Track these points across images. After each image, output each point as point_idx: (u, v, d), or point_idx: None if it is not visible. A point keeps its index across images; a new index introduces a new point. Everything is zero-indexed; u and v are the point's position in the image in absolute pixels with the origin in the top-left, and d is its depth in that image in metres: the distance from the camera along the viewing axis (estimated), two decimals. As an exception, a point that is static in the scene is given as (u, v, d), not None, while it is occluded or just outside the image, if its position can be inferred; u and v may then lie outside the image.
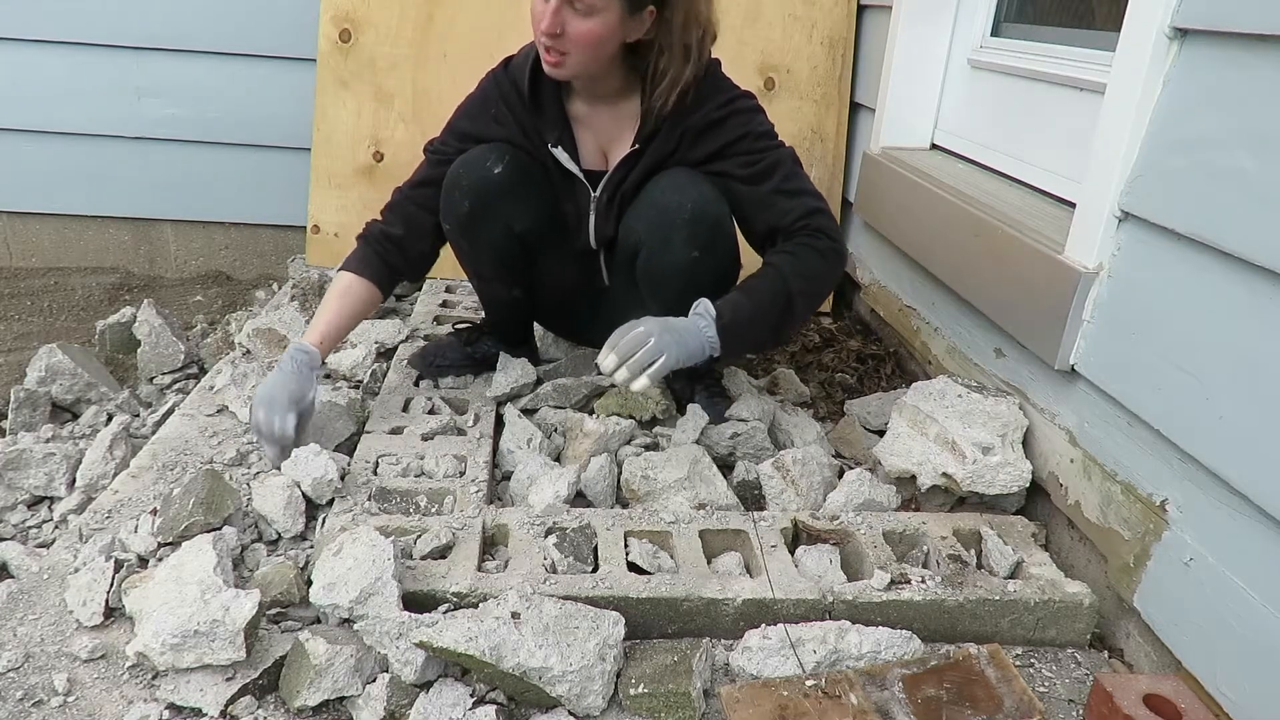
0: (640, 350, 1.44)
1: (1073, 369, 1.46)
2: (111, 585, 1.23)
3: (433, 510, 1.47)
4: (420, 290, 2.54)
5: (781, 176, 1.63)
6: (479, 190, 1.65)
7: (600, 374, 1.54)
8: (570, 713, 1.13)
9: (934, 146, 2.30)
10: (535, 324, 2.04)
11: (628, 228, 1.68)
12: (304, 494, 1.45)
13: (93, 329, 2.40)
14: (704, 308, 1.52)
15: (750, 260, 1.69)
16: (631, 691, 1.14)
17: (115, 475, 1.61)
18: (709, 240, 1.61)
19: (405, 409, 1.79)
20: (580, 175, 1.70)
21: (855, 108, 2.56)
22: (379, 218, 1.77)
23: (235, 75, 2.78)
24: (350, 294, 1.69)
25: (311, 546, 1.41)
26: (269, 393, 1.53)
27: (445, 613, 1.21)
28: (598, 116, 1.69)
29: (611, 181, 1.70)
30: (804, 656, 1.20)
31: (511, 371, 1.86)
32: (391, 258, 1.73)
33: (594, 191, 1.72)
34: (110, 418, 1.92)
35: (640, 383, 1.44)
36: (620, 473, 1.61)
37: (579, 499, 1.55)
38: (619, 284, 1.82)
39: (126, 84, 2.76)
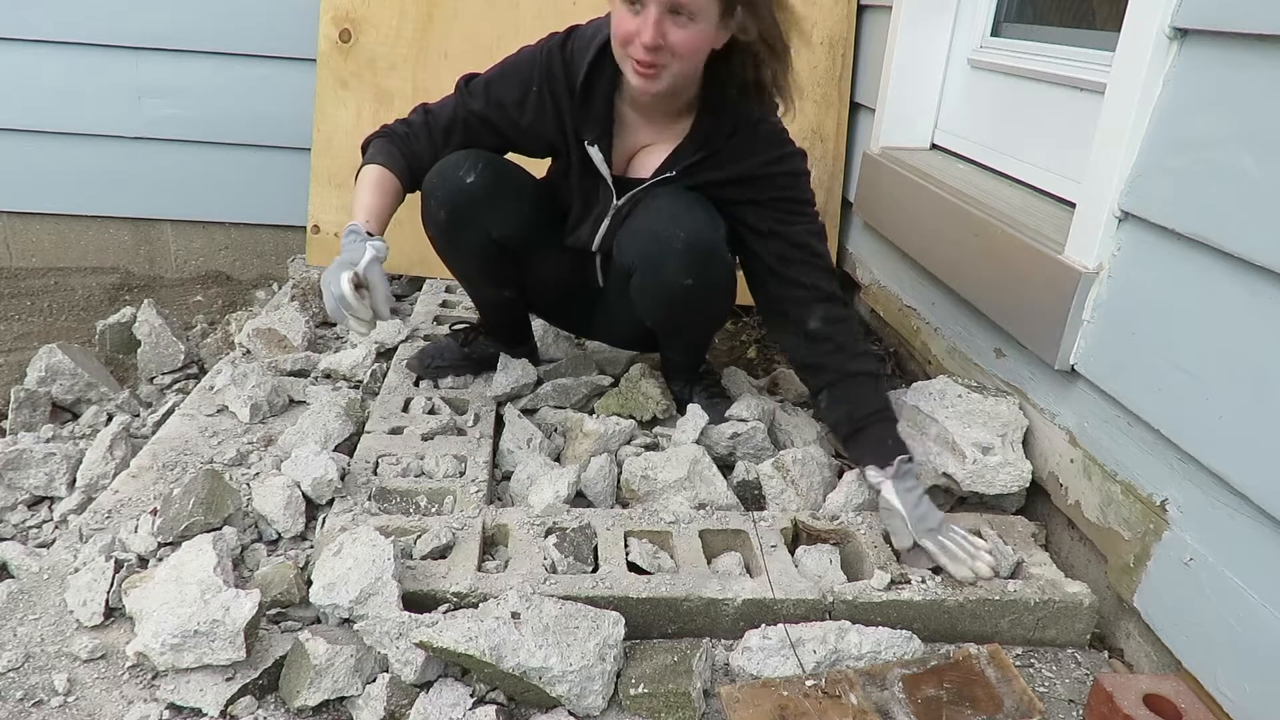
0: (969, 546, 1.38)
1: (1073, 369, 1.46)
2: (111, 585, 1.23)
3: (433, 510, 1.47)
4: (420, 290, 2.54)
5: (810, 253, 1.61)
6: (454, 199, 1.64)
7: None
8: (570, 713, 1.13)
9: (934, 146, 2.30)
10: (534, 321, 2.04)
11: (620, 249, 1.64)
12: (304, 494, 1.45)
13: (93, 329, 2.39)
14: (906, 465, 1.46)
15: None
16: (631, 691, 1.14)
17: (115, 475, 1.61)
18: (702, 268, 1.58)
19: (405, 409, 1.79)
20: (609, 180, 1.65)
21: (855, 108, 2.56)
22: (395, 124, 1.71)
23: (235, 75, 2.78)
24: (384, 185, 1.62)
25: (311, 546, 1.41)
26: (325, 275, 1.46)
27: (445, 613, 1.21)
28: (644, 124, 1.64)
29: (639, 188, 1.64)
30: (804, 656, 1.20)
31: (512, 371, 1.86)
32: (414, 162, 1.67)
33: (616, 200, 1.66)
34: (110, 418, 1.92)
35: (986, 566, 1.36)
36: (620, 473, 1.61)
37: (579, 499, 1.55)
38: (612, 288, 1.80)
39: (126, 84, 2.76)
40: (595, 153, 1.60)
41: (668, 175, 1.61)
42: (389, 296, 1.49)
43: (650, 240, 1.57)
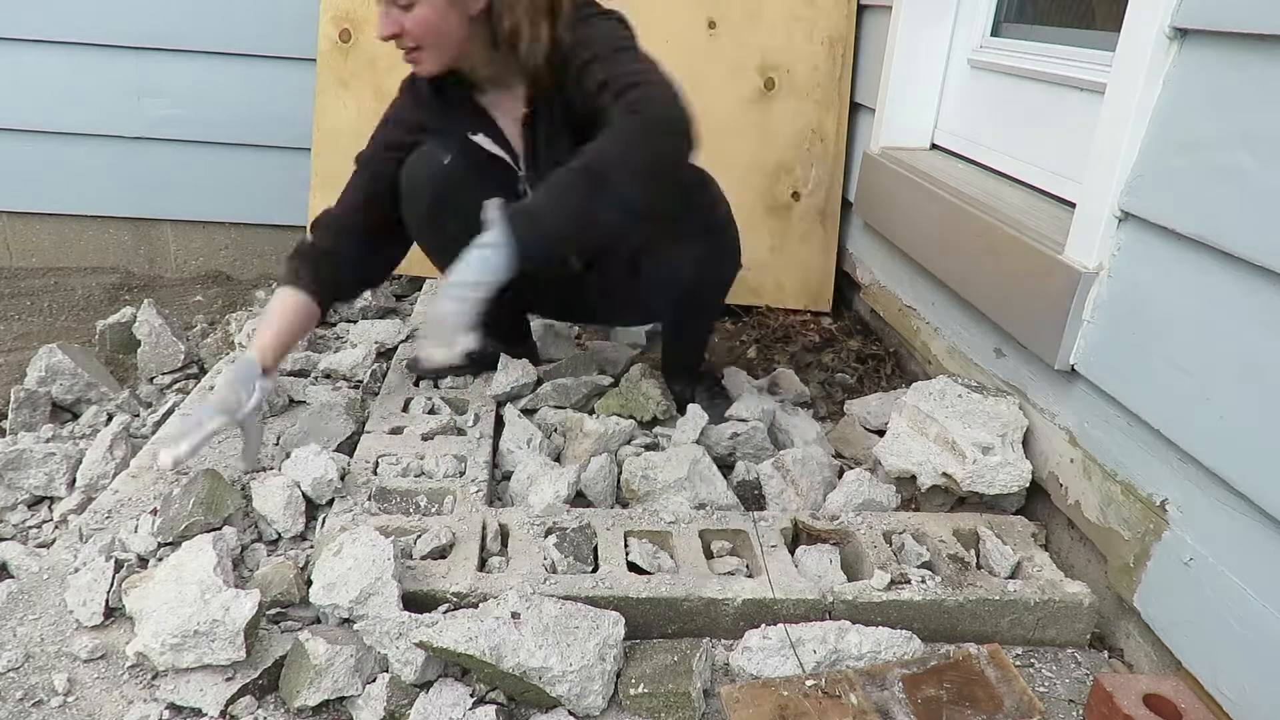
0: (445, 328, 1.35)
1: (1073, 369, 1.46)
2: (111, 585, 1.23)
3: (433, 510, 1.47)
4: (420, 290, 2.54)
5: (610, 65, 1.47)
6: (431, 184, 1.64)
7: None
8: (570, 713, 1.13)
9: (934, 146, 2.30)
10: (534, 321, 2.04)
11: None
12: (304, 494, 1.45)
13: (93, 329, 2.39)
14: (494, 212, 1.37)
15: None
16: (631, 691, 1.14)
17: (115, 475, 1.61)
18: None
19: (405, 409, 1.79)
20: (505, 155, 1.67)
21: (855, 108, 2.56)
22: (313, 235, 1.72)
23: (235, 75, 2.78)
24: (289, 311, 1.62)
25: (311, 546, 1.41)
26: (193, 404, 1.45)
27: (445, 613, 1.21)
28: (502, 102, 1.66)
29: (527, 153, 1.66)
30: (804, 656, 1.20)
31: (512, 371, 1.87)
32: (328, 269, 1.68)
33: (520, 170, 1.69)
34: (110, 418, 1.92)
35: (457, 348, 1.34)
36: (620, 473, 1.61)
37: (579, 499, 1.55)
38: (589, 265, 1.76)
39: (126, 84, 2.76)
40: (481, 139, 1.65)
41: (528, 112, 1.62)
42: (258, 448, 1.54)
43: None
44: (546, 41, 1.52)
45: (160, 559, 1.32)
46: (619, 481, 1.60)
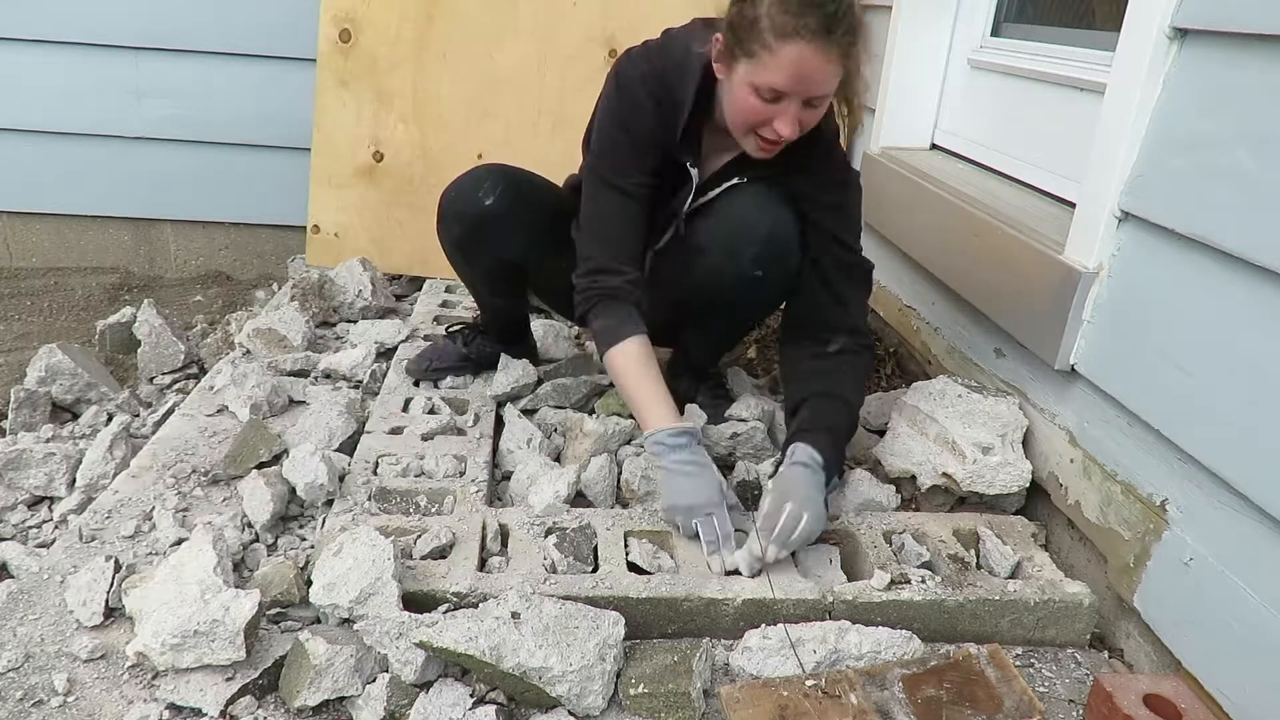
0: (795, 533, 1.33)
1: (1073, 369, 1.46)
2: (111, 585, 1.23)
3: (433, 510, 1.47)
4: (421, 290, 2.54)
5: (862, 279, 1.63)
6: (470, 220, 1.65)
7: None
8: (570, 713, 1.13)
9: (934, 146, 2.30)
10: (534, 321, 2.04)
11: (698, 231, 1.60)
12: (299, 497, 1.46)
13: (93, 329, 2.40)
14: (808, 456, 1.41)
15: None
16: (631, 691, 1.14)
17: (115, 475, 1.61)
18: (776, 261, 1.56)
19: (405, 409, 1.79)
20: (694, 179, 1.59)
21: (855, 108, 2.56)
22: (597, 279, 1.54)
23: (235, 75, 2.78)
24: (649, 359, 1.51)
25: (312, 547, 1.41)
26: (691, 498, 1.37)
27: (445, 613, 1.21)
28: (723, 143, 1.57)
29: (699, 193, 1.61)
30: (804, 656, 1.19)
31: (512, 371, 1.86)
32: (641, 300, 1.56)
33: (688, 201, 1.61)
34: (110, 418, 1.92)
35: (779, 553, 1.33)
36: (620, 473, 1.61)
37: (579, 499, 1.55)
38: (655, 275, 1.68)
39: (126, 84, 2.77)
40: (694, 173, 1.57)
41: (731, 161, 1.58)
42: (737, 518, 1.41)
43: (735, 224, 1.55)
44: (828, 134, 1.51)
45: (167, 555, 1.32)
46: (619, 481, 1.60)
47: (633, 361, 1.49)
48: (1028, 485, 1.52)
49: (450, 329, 2.03)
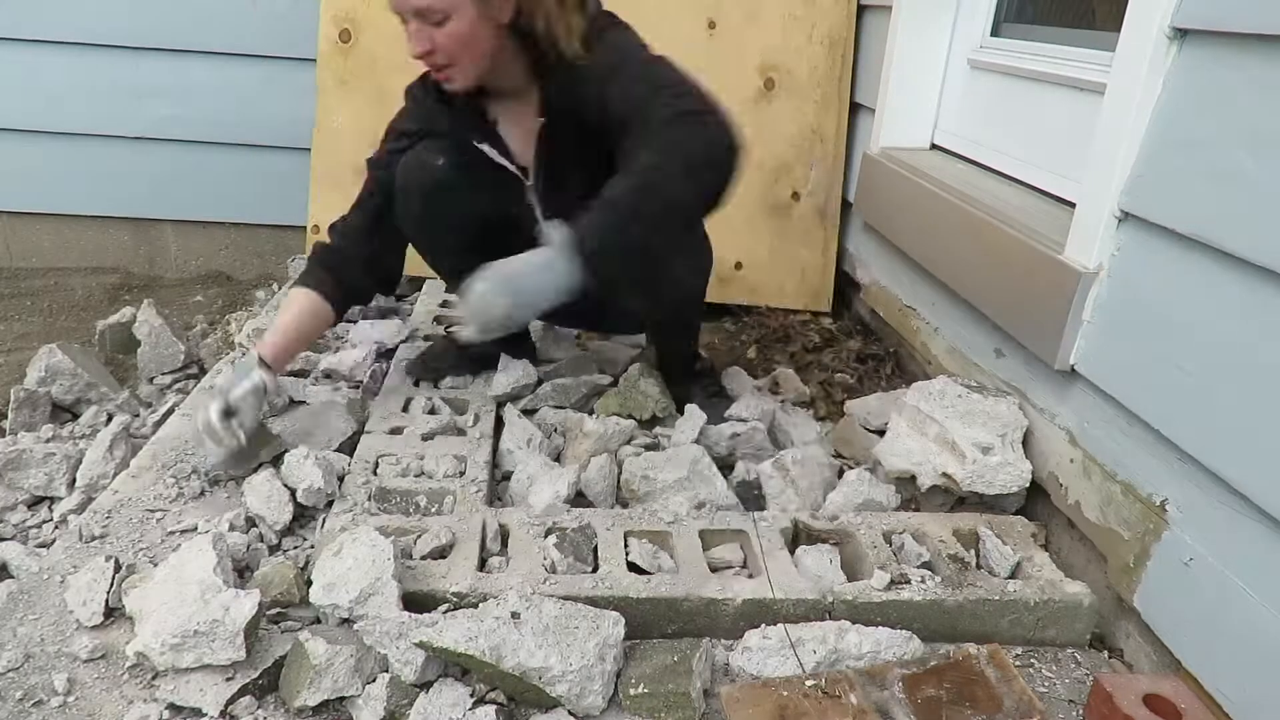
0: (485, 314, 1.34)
1: (1072, 369, 1.46)
2: (111, 585, 1.23)
3: (433, 510, 1.47)
4: (420, 290, 2.54)
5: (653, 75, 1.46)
6: (425, 186, 1.65)
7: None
8: (570, 713, 1.13)
9: (934, 146, 2.30)
10: (534, 321, 2.04)
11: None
12: (298, 501, 1.47)
13: (93, 329, 2.40)
14: (557, 233, 1.33)
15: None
16: (631, 691, 1.14)
17: (115, 475, 1.61)
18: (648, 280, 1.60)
19: (405, 409, 1.79)
20: (511, 166, 1.66)
21: (855, 108, 2.56)
22: (327, 238, 1.76)
23: (235, 75, 2.78)
24: (302, 312, 1.67)
25: (312, 546, 1.41)
26: (198, 398, 1.50)
27: (445, 613, 1.21)
28: (512, 111, 1.66)
29: (538, 164, 1.65)
30: (804, 656, 1.20)
31: (512, 371, 1.87)
32: (345, 271, 1.72)
33: (527, 180, 1.69)
34: (110, 418, 1.92)
35: (468, 333, 1.37)
36: (620, 473, 1.61)
37: (579, 499, 1.55)
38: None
39: (126, 84, 2.77)
40: (486, 148, 1.64)
41: (542, 122, 1.60)
42: (252, 429, 1.55)
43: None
44: (580, 31, 1.50)
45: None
46: (619, 481, 1.60)
47: (287, 303, 1.70)
48: (1028, 485, 1.52)
49: (450, 329, 2.03)
